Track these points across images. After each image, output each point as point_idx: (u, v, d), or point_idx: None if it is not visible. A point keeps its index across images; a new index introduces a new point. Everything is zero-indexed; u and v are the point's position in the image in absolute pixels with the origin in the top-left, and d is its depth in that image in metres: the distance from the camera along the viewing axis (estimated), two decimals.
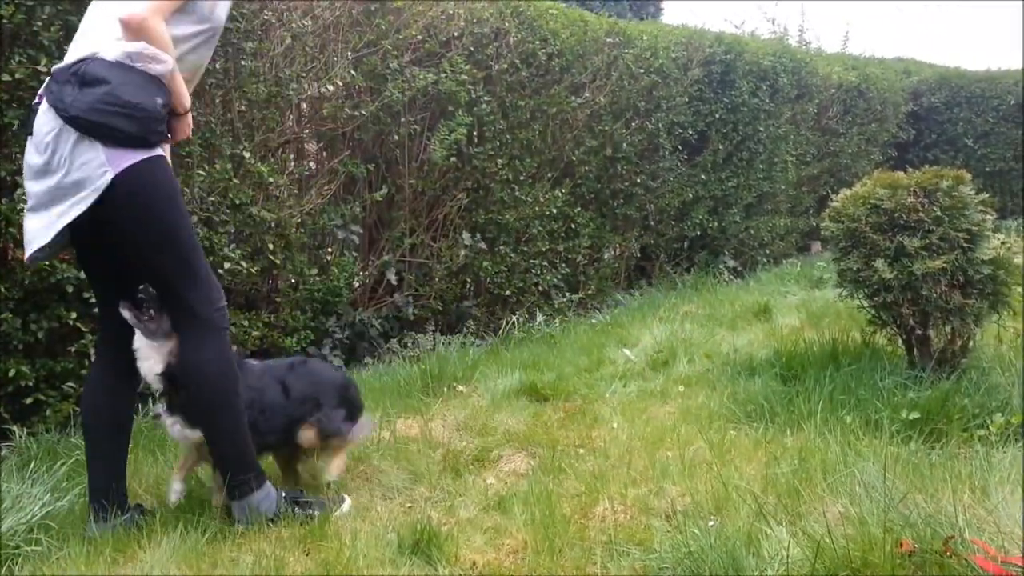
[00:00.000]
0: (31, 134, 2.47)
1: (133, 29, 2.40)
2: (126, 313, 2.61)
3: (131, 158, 2.42)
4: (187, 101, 2.61)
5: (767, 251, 8.79)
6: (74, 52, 2.52)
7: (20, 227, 3.35)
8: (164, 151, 2.59)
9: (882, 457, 2.82)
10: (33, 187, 2.48)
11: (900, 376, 3.75)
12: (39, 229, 2.47)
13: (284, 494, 2.75)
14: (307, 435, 2.90)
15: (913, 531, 2.23)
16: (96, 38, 2.49)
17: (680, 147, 7.27)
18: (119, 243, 2.58)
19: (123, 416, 2.78)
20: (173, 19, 2.50)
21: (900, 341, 4.09)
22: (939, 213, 3.72)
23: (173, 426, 2.75)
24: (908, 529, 2.24)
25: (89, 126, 2.37)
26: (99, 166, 2.38)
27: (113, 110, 2.36)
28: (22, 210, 3.35)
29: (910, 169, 4.05)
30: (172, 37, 2.49)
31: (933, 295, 3.71)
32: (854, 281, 3.96)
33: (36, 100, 2.51)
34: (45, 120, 2.43)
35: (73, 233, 2.49)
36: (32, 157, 2.46)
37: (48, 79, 2.48)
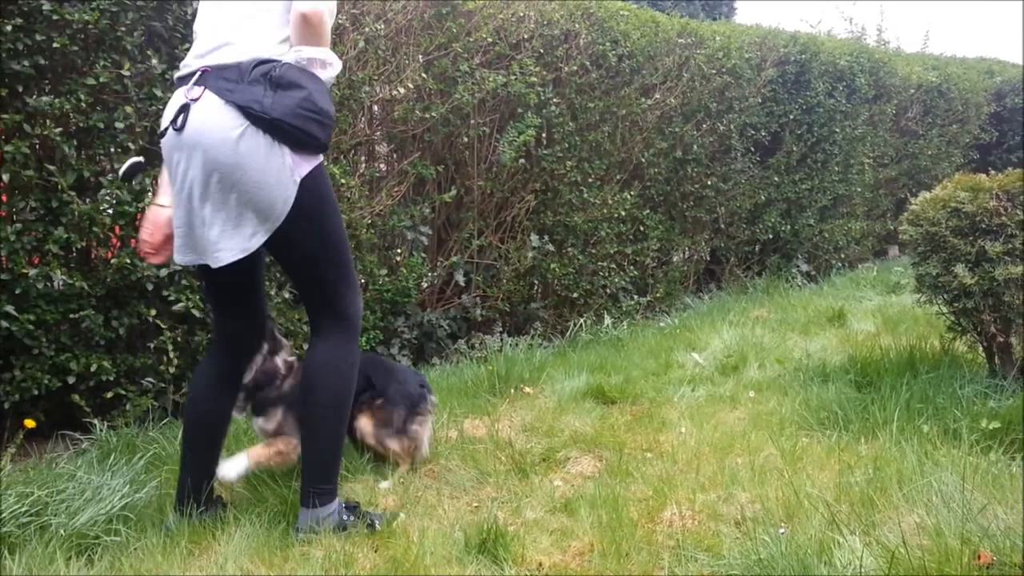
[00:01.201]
0: (179, 130, 2.41)
1: (315, 24, 2.42)
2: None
3: (310, 164, 2.47)
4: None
5: (842, 255, 8.60)
6: (219, 54, 2.46)
7: (103, 226, 3.49)
8: None
9: (960, 467, 2.74)
10: (204, 183, 2.41)
11: (980, 384, 3.64)
12: (228, 241, 2.43)
13: (343, 505, 2.74)
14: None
15: (991, 543, 2.16)
16: (250, 39, 2.46)
17: (752, 149, 7.16)
18: (284, 245, 2.55)
19: (224, 419, 2.83)
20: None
21: (980, 349, 3.97)
22: (1022, 217, 3.60)
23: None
24: (986, 541, 2.18)
25: (287, 129, 2.39)
26: (288, 170, 2.42)
27: (311, 116, 2.40)
28: (105, 210, 3.49)
29: (992, 172, 3.93)
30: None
31: (1015, 301, 3.59)
32: (933, 286, 3.85)
33: (190, 98, 2.42)
34: (229, 116, 2.37)
35: None
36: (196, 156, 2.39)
37: (202, 74, 2.43)
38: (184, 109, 2.42)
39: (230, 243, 2.44)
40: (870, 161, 8.54)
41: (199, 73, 2.45)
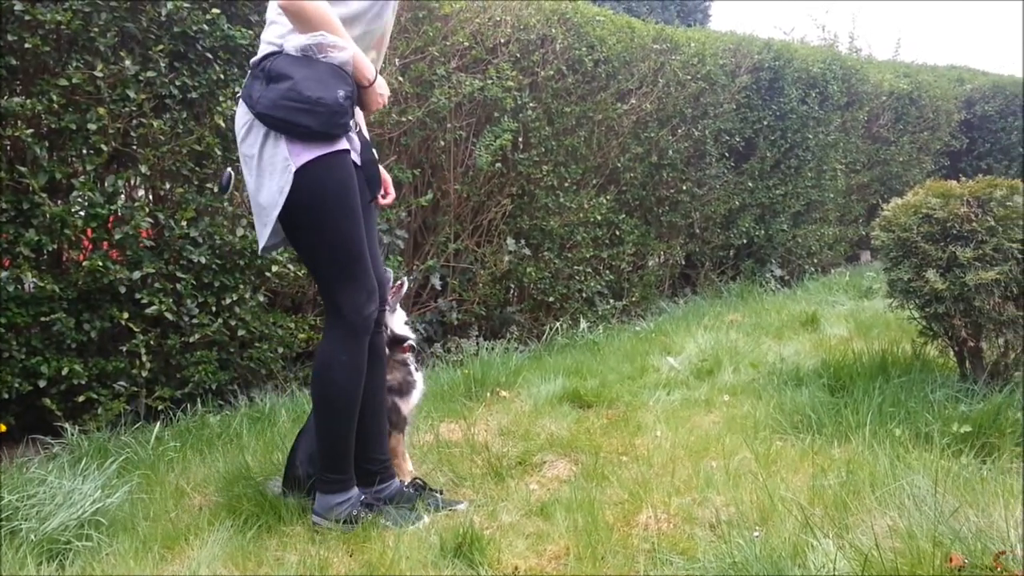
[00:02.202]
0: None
1: (293, 13, 2.46)
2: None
3: (312, 153, 2.48)
4: (371, 72, 2.60)
5: (815, 260, 8.67)
6: (264, 43, 2.59)
7: (75, 229, 3.46)
8: (351, 144, 2.60)
9: (932, 470, 2.77)
10: (245, 174, 2.59)
11: (951, 389, 3.68)
12: (260, 232, 2.59)
13: (363, 496, 2.76)
14: None
15: (963, 545, 2.19)
16: (278, 30, 2.55)
17: (727, 154, 7.21)
18: (289, 233, 2.64)
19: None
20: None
21: (952, 353, 4.02)
22: (993, 223, 3.65)
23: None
24: (958, 543, 2.20)
25: (273, 122, 2.45)
26: (283, 160, 2.46)
27: (295, 106, 2.42)
28: (76, 212, 3.46)
29: (963, 178, 3.98)
30: (343, 17, 2.53)
31: (986, 307, 3.63)
32: (905, 292, 3.89)
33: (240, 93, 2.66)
34: (240, 112, 2.55)
35: None
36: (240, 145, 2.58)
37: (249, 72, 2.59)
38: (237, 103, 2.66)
39: (260, 232, 2.59)
40: (842, 167, 8.63)
41: None
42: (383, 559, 2.43)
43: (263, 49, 2.57)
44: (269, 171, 2.49)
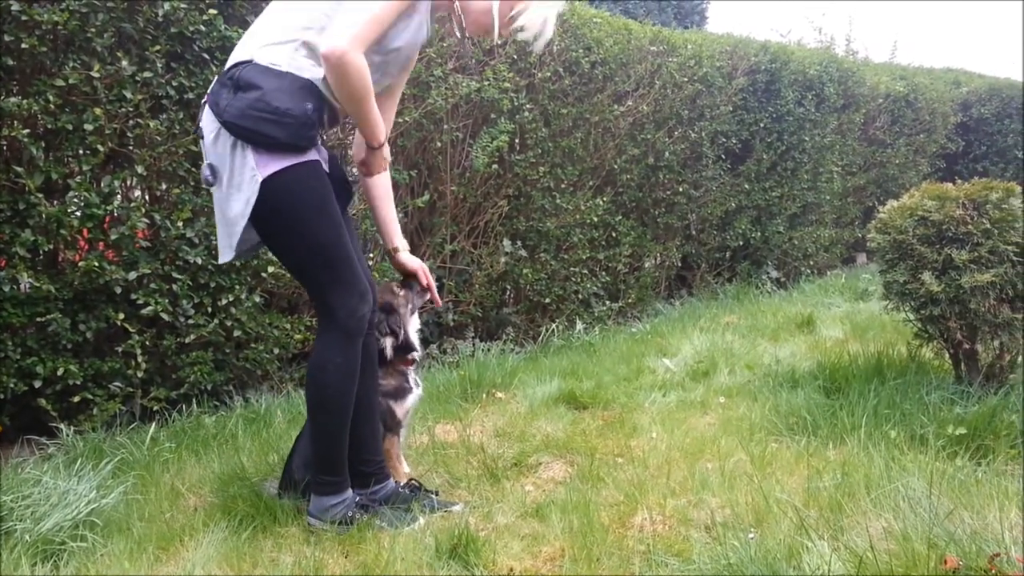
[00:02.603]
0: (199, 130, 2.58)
1: (333, 64, 2.38)
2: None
3: (278, 164, 2.46)
4: (381, 135, 2.63)
5: (811, 262, 8.69)
6: (238, 53, 2.55)
7: (71, 229, 3.45)
8: (320, 155, 2.60)
9: (927, 472, 2.78)
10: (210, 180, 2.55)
11: (947, 391, 3.69)
12: (222, 241, 2.59)
13: (358, 498, 2.77)
14: None
15: (958, 547, 2.19)
16: (255, 41, 2.53)
17: (723, 156, 7.22)
18: (266, 242, 2.67)
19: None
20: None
21: (947, 355, 4.02)
22: (988, 226, 3.65)
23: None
24: (953, 545, 2.20)
25: (240, 131, 2.43)
26: (250, 170, 2.45)
27: (263, 116, 2.41)
28: (72, 212, 3.45)
29: (959, 181, 3.99)
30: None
31: (981, 309, 3.64)
32: (900, 294, 3.90)
33: (205, 98, 2.57)
34: (207, 120, 2.51)
35: None
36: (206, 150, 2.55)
37: (215, 78, 2.56)
38: (200, 109, 2.60)
39: (225, 243, 2.59)
40: (839, 169, 8.64)
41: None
42: (378, 560, 2.43)
43: (235, 57, 2.54)
44: (237, 184, 2.48)
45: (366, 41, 2.40)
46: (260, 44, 2.50)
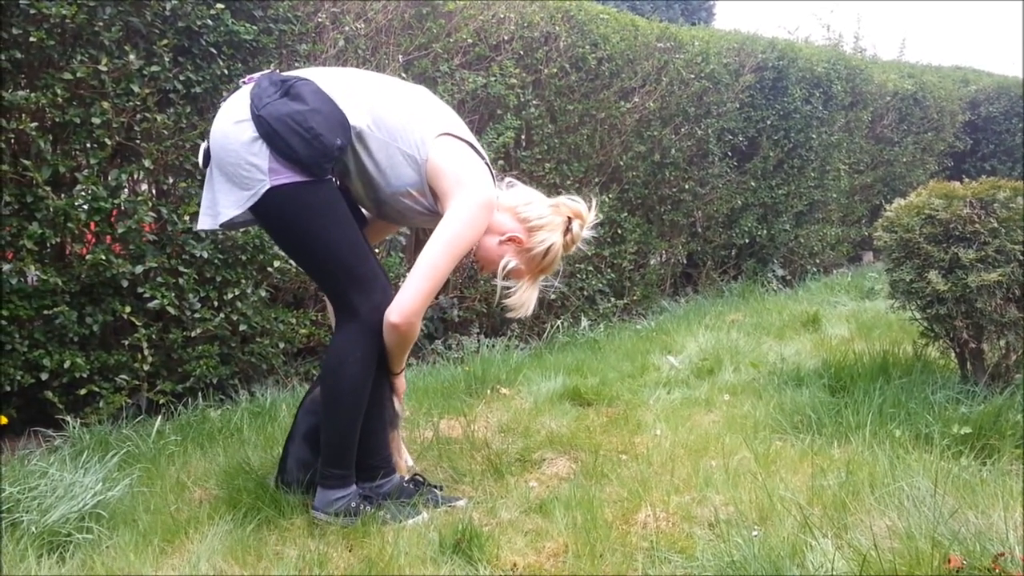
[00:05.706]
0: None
1: (401, 330, 2.62)
2: None
3: (287, 178, 2.49)
4: (400, 364, 2.80)
5: (817, 260, 8.67)
6: (347, 107, 2.59)
7: (78, 222, 3.46)
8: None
9: (932, 472, 2.77)
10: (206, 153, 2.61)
11: (952, 390, 3.68)
12: (205, 209, 2.62)
13: (361, 490, 2.77)
14: None
15: (962, 547, 2.19)
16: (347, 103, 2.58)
17: (730, 153, 7.21)
18: (279, 244, 2.75)
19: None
20: None
21: (953, 355, 4.01)
22: (996, 225, 3.64)
23: None
24: (957, 545, 2.20)
25: (268, 132, 2.46)
26: (261, 173, 2.48)
27: (296, 129, 2.45)
28: (80, 206, 3.46)
29: (966, 180, 3.97)
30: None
31: (988, 308, 3.63)
32: (906, 293, 3.89)
33: (245, 80, 2.64)
34: (239, 106, 2.54)
35: None
36: (226, 116, 2.56)
37: (263, 74, 2.61)
38: (237, 87, 2.75)
39: (205, 218, 2.63)
40: (846, 167, 8.62)
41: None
42: (382, 554, 2.44)
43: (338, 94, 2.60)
44: (247, 177, 2.50)
45: (428, 303, 2.66)
46: (363, 109, 2.60)
